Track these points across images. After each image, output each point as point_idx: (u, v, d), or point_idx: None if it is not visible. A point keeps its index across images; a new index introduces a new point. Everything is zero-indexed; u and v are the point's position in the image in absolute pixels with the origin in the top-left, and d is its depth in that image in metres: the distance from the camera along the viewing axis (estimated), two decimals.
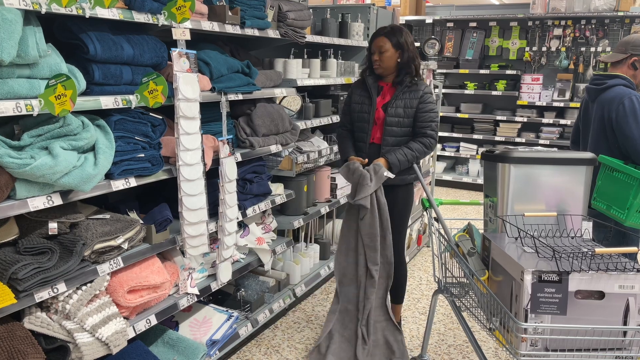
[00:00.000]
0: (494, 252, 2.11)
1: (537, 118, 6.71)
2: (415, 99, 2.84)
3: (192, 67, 2.35)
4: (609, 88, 2.79)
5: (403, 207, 3.02)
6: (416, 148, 2.83)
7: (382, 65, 2.85)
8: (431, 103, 2.86)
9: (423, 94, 2.85)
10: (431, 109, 2.86)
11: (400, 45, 2.82)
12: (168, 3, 2.24)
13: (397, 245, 3.04)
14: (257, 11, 2.86)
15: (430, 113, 2.85)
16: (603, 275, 1.77)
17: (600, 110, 2.80)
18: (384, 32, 2.85)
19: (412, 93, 2.84)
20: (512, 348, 1.86)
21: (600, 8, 6.20)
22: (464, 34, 7.20)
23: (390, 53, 2.82)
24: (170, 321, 2.79)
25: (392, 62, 2.84)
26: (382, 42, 2.83)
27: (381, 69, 2.86)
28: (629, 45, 2.80)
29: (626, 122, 2.66)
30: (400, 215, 3.00)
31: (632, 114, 2.66)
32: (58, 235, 2.03)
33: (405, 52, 2.83)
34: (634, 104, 2.67)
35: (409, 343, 3.21)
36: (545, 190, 2.27)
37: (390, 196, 2.93)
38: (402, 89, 2.85)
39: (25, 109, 1.73)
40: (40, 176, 1.77)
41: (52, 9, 1.78)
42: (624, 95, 2.70)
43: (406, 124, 2.86)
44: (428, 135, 2.86)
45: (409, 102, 2.84)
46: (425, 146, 2.85)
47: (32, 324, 1.94)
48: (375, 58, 2.85)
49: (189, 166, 2.39)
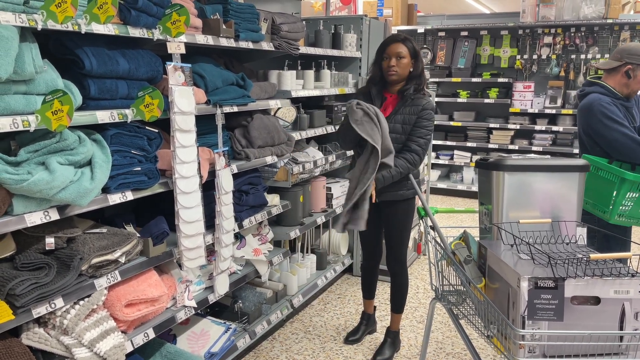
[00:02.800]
0: (490, 260, 2.13)
1: (529, 125, 6.76)
2: (414, 114, 2.81)
3: (188, 80, 2.36)
4: (585, 96, 2.87)
5: (403, 220, 3.01)
6: (400, 164, 2.79)
7: (399, 71, 2.81)
8: (428, 120, 2.82)
9: (422, 109, 2.81)
10: (426, 125, 2.82)
11: (416, 55, 2.82)
12: (163, 18, 2.26)
13: (400, 256, 3.06)
14: (251, 24, 2.89)
15: (423, 129, 2.82)
16: (598, 281, 1.79)
17: (580, 117, 2.89)
18: (400, 39, 2.83)
19: (413, 108, 2.82)
20: (510, 355, 1.86)
21: (589, 16, 6.28)
22: (455, 43, 7.27)
23: (407, 60, 2.81)
24: (168, 334, 2.78)
25: (407, 70, 2.83)
26: (399, 47, 2.80)
27: (397, 75, 2.82)
28: (625, 52, 2.84)
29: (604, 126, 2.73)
30: (400, 227, 3.01)
31: (603, 117, 2.73)
32: (55, 250, 2.03)
33: (420, 62, 2.83)
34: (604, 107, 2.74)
35: (407, 352, 3.21)
36: (539, 197, 2.29)
37: (391, 210, 2.95)
38: (403, 102, 2.83)
39: (22, 125, 1.74)
40: (37, 191, 1.78)
41: (48, 25, 1.79)
42: (593, 102, 2.78)
43: (403, 141, 2.84)
44: (412, 150, 2.81)
45: (407, 118, 2.82)
46: (408, 162, 2.81)
47: (30, 340, 1.93)
48: (392, 64, 2.80)
49: (185, 179, 2.40)
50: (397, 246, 3.05)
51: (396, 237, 3.02)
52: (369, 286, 3.35)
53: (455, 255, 2.37)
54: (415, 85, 2.84)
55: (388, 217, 3.00)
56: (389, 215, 2.98)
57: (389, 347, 3.15)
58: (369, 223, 2.74)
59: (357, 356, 3.16)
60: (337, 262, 4.13)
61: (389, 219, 3.00)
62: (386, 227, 3.06)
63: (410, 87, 2.83)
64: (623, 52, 2.85)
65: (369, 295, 3.37)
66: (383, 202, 2.91)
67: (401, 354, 3.18)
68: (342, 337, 3.37)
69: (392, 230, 3.02)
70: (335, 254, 4.22)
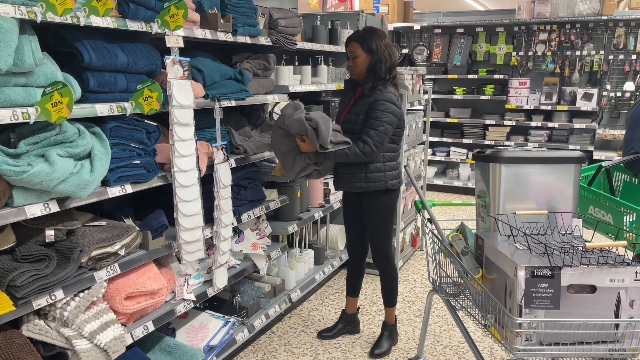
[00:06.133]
0: (487, 251, 2.15)
1: (525, 121, 6.79)
2: (366, 105, 2.79)
3: (186, 74, 2.37)
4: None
5: (384, 212, 2.96)
6: (351, 150, 2.74)
7: (356, 70, 2.86)
8: (380, 112, 2.73)
9: (375, 100, 2.76)
10: (378, 116, 2.73)
11: (372, 50, 2.79)
12: (161, 11, 2.27)
13: (384, 249, 3.06)
14: (249, 19, 2.90)
15: (374, 120, 2.74)
16: (594, 270, 1.81)
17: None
18: (355, 37, 2.85)
19: (367, 99, 2.80)
20: (507, 343, 1.89)
21: (584, 12, 6.31)
22: (451, 40, 7.29)
23: (362, 58, 2.81)
24: (167, 328, 2.79)
25: (364, 67, 2.83)
26: (353, 47, 2.84)
27: (355, 74, 2.88)
28: None
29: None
30: (382, 220, 2.97)
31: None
32: (55, 243, 2.04)
33: (375, 55, 2.79)
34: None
35: (405, 345, 3.23)
36: (536, 189, 2.31)
37: (371, 201, 2.93)
38: (362, 95, 2.84)
39: (21, 117, 1.75)
40: (37, 183, 1.78)
41: (48, 17, 1.80)
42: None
43: (357, 131, 2.81)
44: (362, 139, 2.74)
45: (361, 109, 2.81)
46: (358, 149, 2.73)
47: (30, 332, 1.94)
48: (350, 64, 2.88)
49: (184, 172, 2.41)
50: (381, 241, 3.02)
51: (379, 231, 2.99)
52: (353, 283, 3.29)
53: (452, 247, 2.39)
54: (371, 79, 2.81)
55: (369, 210, 2.96)
56: (369, 208, 2.95)
57: (386, 339, 3.16)
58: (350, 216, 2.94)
59: (355, 349, 3.18)
60: (334, 257, 4.14)
61: (370, 212, 2.96)
62: (368, 221, 3.01)
63: (368, 82, 2.81)
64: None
65: (352, 292, 3.30)
66: (363, 194, 2.92)
67: (399, 347, 3.20)
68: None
69: (374, 224, 2.99)
70: (332, 249, 4.24)
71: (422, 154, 4.81)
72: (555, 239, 2.15)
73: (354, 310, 3.36)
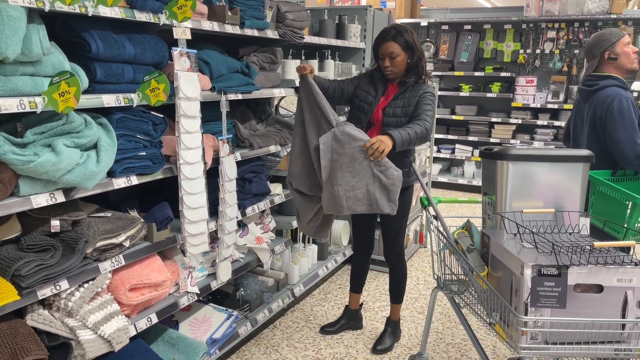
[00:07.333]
0: (493, 248, 2.14)
1: (531, 120, 6.76)
2: (414, 97, 2.78)
3: (193, 67, 2.36)
4: (601, 89, 2.81)
5: (401, 209, 2.91)
6: (417, 129, 2.62)
7: (395, 70, 2.78)
8: (430, 100, 2.76)
9: (423, 92, 2.77)
10: (428, 103, 2.74)
11: (410, 47, 2.75)
12: (169, 2, 2.25)
13: (397, 246, 3.06)
14: (257, 11, 2.88)
15: (426, 106, 2.73)
16: (602, 269, 1.80)
17: (592, 111, 2.83)
18: (390, 36, 2.75)
19: (414, 92, 2.78)
20: (512, 342, 1.88)
21: (593, 11, 6.27)
22: (458, 37, 7.25)
23: (402, 56, 2.75)
24: (170, 320, 2.79)
25: (403, 66, 2.78)
26: (390, 47, 2.73)
27: (394, 74, 2.80)
28: (591, 49, 2.89)
29: (613, 123, 2.70)
30: (400, 216, 2.94)
31: (619, 115, 2.69)
32: (60, 233, 2.04)
33: (415, 52, 2.77)
34: (623, 105, 2.70)
35: (408, 342, 3.22)
36: (543, 187, 2.29)
37: None
38: (404, 89, 2.80)
39: (28, 106, 1.74)
40: (43, 173, 1.78)
41: (56, 7, 1.79)
42: (615, 97, 2.73)
43: (404, 123, 2.77)
44: (423, 118, 2.68)
45: (407, 102, 2.78)
46: (424, 128, 2.64)
47: (34, 321, 1.94)
48: (387, 64, 2.77)
49: (190, 165, 2.40)
50: (395, 236, 3.02)
51: (394, 227, 3.00)
52: (357, 279, 3.28)
53: (458, 244, 2.38)
54: (414, 75, 2.81)
55: None
56: None
57: (389, 336, 3.16)
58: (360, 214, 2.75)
59: (358, 345, 3.18)
60: (338, 252, 4.14)
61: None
62: (384, 219, 3.00)
63: (411, 77, 2.80)
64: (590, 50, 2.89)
65: (356, 288, 3.30)
66: None
67: (401, 344, 3.20)
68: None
69: (393, 220, 2.98)
70: (336, 244, 4.23)
71: (427, 150, 4.79)
72: (562, 237, 2.13)
73: (357, 306, 3.36)
